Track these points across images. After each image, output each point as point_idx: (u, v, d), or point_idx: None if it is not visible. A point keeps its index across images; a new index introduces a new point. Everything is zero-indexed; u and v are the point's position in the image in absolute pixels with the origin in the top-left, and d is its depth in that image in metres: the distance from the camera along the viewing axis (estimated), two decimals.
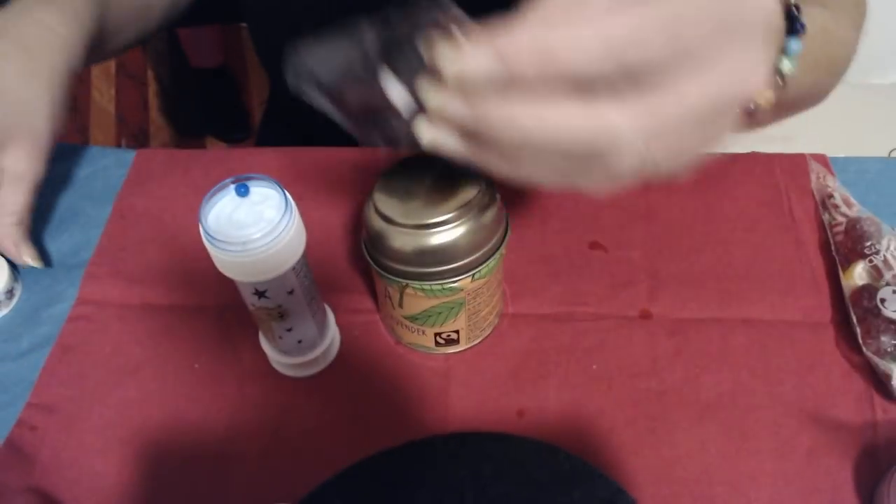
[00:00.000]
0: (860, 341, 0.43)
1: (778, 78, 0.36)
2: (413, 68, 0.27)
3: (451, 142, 0.27)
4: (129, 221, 0.53)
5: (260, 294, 0.37)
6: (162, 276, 0.50)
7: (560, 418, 0.43)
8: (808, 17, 0.36)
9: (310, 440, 0.42)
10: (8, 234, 0.46)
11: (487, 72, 0.24)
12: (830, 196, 0.51)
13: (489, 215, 0.39)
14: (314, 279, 0.40)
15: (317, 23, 0.55)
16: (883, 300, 0.43)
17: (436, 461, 0.40)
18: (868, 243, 0.46)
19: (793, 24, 0.35)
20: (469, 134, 0.26)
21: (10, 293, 0.48)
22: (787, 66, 0.35)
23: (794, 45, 0.35)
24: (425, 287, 0.39)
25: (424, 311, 0.41)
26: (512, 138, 0.25)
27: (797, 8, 0.34)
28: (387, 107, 0.28)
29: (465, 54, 0.25)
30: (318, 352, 0.43)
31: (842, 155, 0.55)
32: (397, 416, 0.43)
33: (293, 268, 0.36)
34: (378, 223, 0.38)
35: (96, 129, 1.29)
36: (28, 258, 0.48)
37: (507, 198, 0.43)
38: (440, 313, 0.42)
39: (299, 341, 0.42)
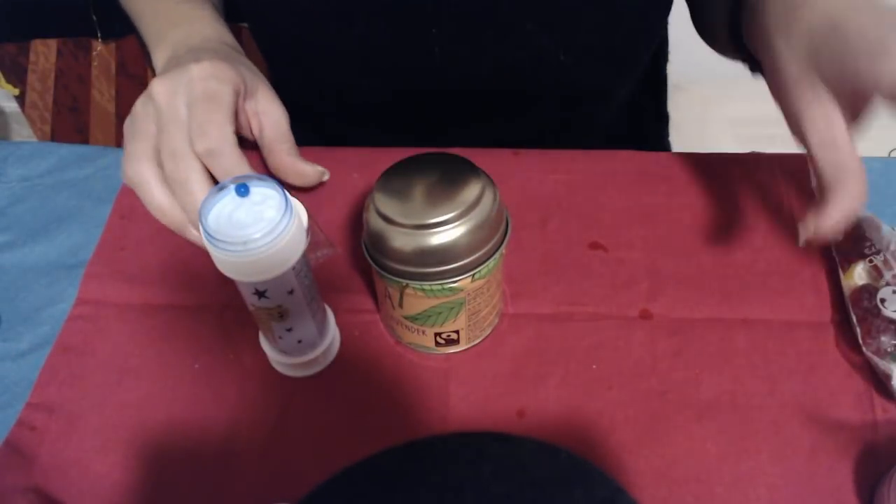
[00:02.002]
0: (860, 341, 0.43)
1: None
2: None
3: None
4: (129, 221, 0.53)
5: (260, 294, 0.37)
6: (162, 276, 0.50)
7: (560, 418, 0.43)
8: None
9: (310, 440, 0.43)
10: (286, 160, 0.50)
11: None
12: None
13: (489, 215, 0.39)
14: (314, 279, 0.40)
15: (318, 19, 0.55)
16: (883, 300, 0.43)
17: (436, 461, 0.40)
18: (868, 243, 0.46)
19: None
20: None
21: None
22: None
23: None
24: (425, 287, 0.39)
25: (424, 311, 0.41)
26: None
27: None
28: None
29: None
30: (318, 352, 0.43)
31: None
32: (397, 416, 0.43)
33: (293, 268, 0.36)
34: (378, 223, 0.38)
35: (96, 128, 1.29)
36: (313, 171, 0.51)
37: (507, 198, 0.43)
38: (440, 313, 0.42)
39: (299, 341, 0.42)
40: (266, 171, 0.52)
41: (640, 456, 0.41)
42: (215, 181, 0.44)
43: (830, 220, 0.38)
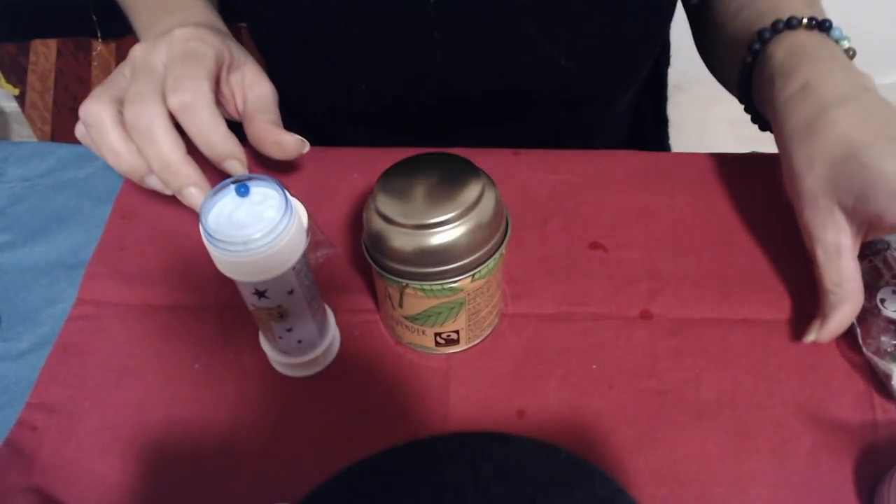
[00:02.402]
0: (860, 341, 0.43)
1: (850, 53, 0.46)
2: None
3: None
4: (129, 221, 0.53)
5: (260, 294, 0.37)
6: (162, 276, 0.50)
7: (560, 418, 0.43)
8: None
9: (310, 440, 0.43)
10: (268, 130, 0.47)
11: None
12: None
13: (489, 215, 0.39)
14: (314, 279, 0.40)
15: (319, 21, 0.55)
16: (883, 300, 0.43)
17: (436, 461, 0.40)
18: (868, 243, 0.46)
19: (823, 24, 0.46)
20: None
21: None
22: (846, 43, 0.46)
23: (836, 32, 0.46)
24: (425, 287, 0.39)
25: (424, 311, 0.41)
26: None
27: (816, 19, 0.46)
28: None
29: None
30: (318, 352, 0.43)
31: None
32: (397, 416, 0.43)
33: (293, 268, 0.36)
34: (378, 223, 0.38)
35: None
36: (293, 141, 0.48)
37: (507, 198, 0.43)
38: (440, 313, 0.42)
39: (299, 341, 0.42)
40: (252, 153, 0.52)
41: (640, 456, 0.41)
42: (184, 137, 0.42)
43: (829, 332, 0.43)
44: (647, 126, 0.76)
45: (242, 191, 0.35)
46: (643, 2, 0.54)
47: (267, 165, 0.55)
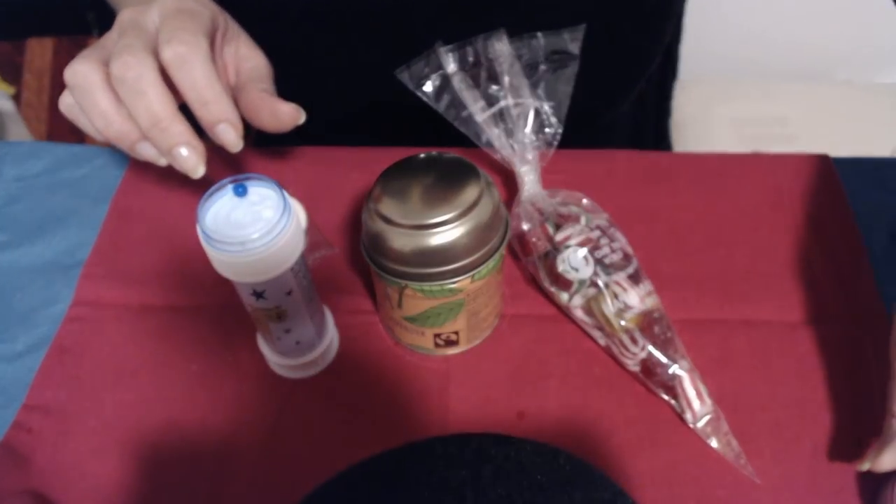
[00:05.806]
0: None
1: None
2: None
3: None
4: (126, 222, 0.53)
5: (258, 295, 0.36)
6: (159, 276, 0.49)
7: (560, 420, 0.43)
8: None
9: (308, 442, 0.42)
10: (262, 98, 0.44)
11: None
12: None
13: (489, 215, 0.38)
14: (312, 280, 0.40)
15: (311, 34, 0.55)
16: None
17: (436, 463, 0.40)
18: None
19: None
20: None
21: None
22: None
23: None
24: (425, 288, 0.39)
25: (424, 311, 0.41)
26: None
27: None
28: None
29: None
30: (316, 353, 0.43)
31: (843, 154, 0.55)
32: (397, 418, 0.43)
33: (291, 268, 0.36)
34: (377, 223, 0.38)
35: None
36: (289, 110, 0.44)
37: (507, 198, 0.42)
38: (440, 314, 0.41)
39: (297, 342, 0.42)
40: (248, 167, 0.52)
41: (641, 458, 0.41)
42: (177, 97, 0.39)
43: (886, 461, 0.37)
44: (646, 143, 0.75)
45: (240, 191, 0.34)
46: (626, 45, 0.54)
47: (265, 165, 0.55)
